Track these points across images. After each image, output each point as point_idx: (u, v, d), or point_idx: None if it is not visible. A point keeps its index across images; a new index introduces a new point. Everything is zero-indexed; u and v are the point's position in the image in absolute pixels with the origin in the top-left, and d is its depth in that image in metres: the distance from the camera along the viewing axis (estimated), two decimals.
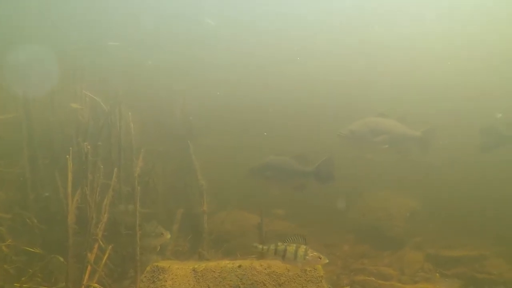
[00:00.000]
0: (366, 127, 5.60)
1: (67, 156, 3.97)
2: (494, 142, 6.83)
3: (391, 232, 7.61)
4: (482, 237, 7.55)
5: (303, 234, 3.56)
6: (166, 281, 3.26)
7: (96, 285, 4.11)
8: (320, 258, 3.32)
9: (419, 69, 9.73)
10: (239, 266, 3.37)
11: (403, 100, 8.66)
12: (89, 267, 4.15)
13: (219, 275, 3.27)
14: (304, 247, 3.41)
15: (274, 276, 3.35)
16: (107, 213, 4.60)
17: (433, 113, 8.23)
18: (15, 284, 4.14)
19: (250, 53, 10.57)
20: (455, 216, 8.01)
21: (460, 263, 6.37)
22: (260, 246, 3.46)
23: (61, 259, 4.16)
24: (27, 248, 4.49)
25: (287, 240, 3.44)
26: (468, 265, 6.31)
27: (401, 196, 8.26)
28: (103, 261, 4.44)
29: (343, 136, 5.50)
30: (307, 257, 3.30)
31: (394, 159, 7.31)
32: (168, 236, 4.63)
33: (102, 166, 4.47)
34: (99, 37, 9.80)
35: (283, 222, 7.85)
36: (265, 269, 3.38)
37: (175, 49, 10.05)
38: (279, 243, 3.41)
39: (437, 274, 6.15)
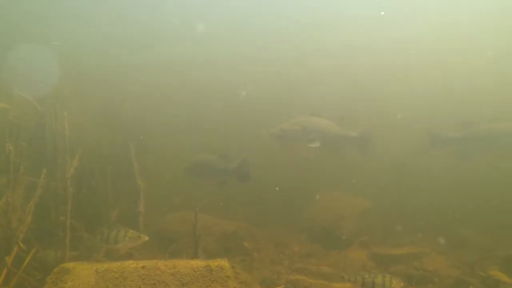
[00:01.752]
0: (297, 126, 5.68)
1: None
2: (437, 144, 7.06)
3: (341, 231, 7.71)
4: (429, 235, 7.77)
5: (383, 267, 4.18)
6: (66, 283, 3.24)
7: None
8: (402, 284, 3.85)
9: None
10: (143, 267, 3.37)
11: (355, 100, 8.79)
12: (5, 270, 4.09)
13: (120, 275, 3.27)
14: (389, 276, 3.90)
15: (178, 276, 3.36)
16: (31, 215, 4.53)
17: (384, 115, 8.39)
18: None
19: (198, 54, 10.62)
20: (404, 215, 8.19)
21: (400, 261, 6.50)
22: (347, 277, 3.92)
23: None
24: None
25: (372, 273, 3.99)
26: (407, 262, 6.45)
27: (353, 197, 8.37)
28: (25, 264, 4.37)
29: (274, 134, 5.59)
30: (393, 285, 3.82)
31: (347, 159, 7.41)
32: (146, 238, 4.55)
33: (22, 167, 4.41)
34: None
35: (236, 222, 7.85)
36: (170, 269, 3.39)
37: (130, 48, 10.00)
38: (366, 275, 3.97)
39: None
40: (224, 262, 3.59)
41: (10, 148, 4.40)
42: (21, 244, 4.36)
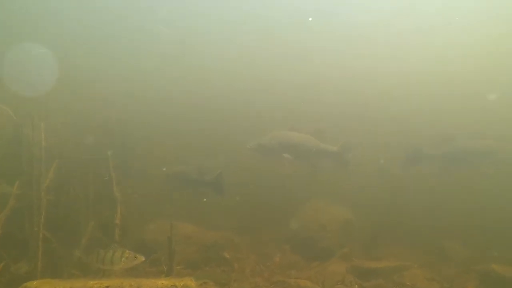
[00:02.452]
0: (274, 141, 5.68)
1: None
2: (417, 160, 7.13)
3: (323, 243, 7.65)
4: (412, 247, 7.77)
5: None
6: None
7: None
8: None
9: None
10: (107, 287, 3.33)
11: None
12: None
13: None
14: None
15: None
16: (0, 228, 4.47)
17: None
18: None
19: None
20: (387, 226, 8.18)
21: (380, 274, 6.47)
22: None
23: None
24: None
25: None
26: (387, 276, 6.43)
27: (337, 207, 8.32)
28: None
29: (251, 149, 5.59)
30: None
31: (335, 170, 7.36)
32: (142, 259, 4.59)
33: None
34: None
35: (218, 232, 7.80)
36: None
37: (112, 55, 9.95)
38: None
39: (356, 286, 6.23)
40: (190, 282, 3.57)
41: None
42: None
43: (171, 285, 3.46)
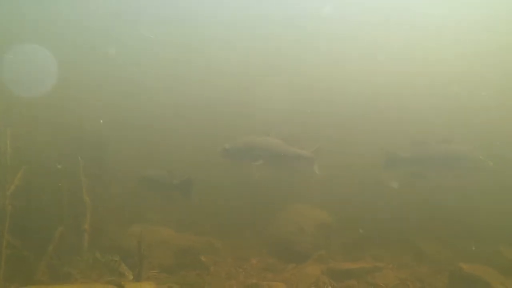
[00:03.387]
0: (243, 146, 5.71)
1: None
2: (394, 164, 7.23)
3: (301, 245, 7.65)
4: (390, 248, 7.83)
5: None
6: None
7: None
8: None
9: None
10: None
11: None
12: None
13: None
14: None
15: None
16: None
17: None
18: None
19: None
20: (366, 228, 8.22)
21: (354, 276, 6.51)
22: None
23: None
24: None
25: None
26: (361, 277, 6.46)
27: (316, 210, 8.34)
28: None
29: (219, 153, 5.63)
30: None
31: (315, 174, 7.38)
32: (131, 278, 4.62)
33: None
34: None
35: (196, 236, 7.78)
36: None
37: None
38: None
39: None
40: (148, 286, 3.56)
41: None
42: None
43: None
